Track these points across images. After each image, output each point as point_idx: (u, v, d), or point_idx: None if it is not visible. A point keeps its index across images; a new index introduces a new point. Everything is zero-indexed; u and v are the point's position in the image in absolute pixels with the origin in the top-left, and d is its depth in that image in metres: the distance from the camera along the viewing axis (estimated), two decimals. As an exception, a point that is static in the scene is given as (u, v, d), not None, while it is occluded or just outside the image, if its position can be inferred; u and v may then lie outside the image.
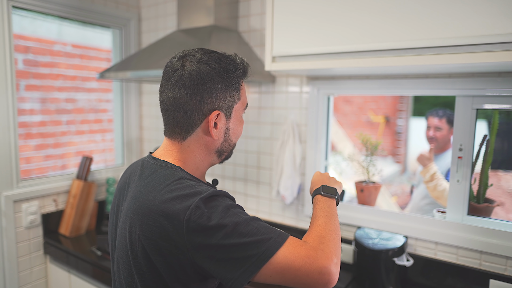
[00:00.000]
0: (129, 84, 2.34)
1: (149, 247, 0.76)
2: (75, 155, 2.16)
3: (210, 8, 1.76)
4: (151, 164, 0.87)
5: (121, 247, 0.85)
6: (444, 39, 1.04)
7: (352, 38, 1.20)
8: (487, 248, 1.34)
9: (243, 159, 1.96)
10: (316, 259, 0.73)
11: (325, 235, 0.80)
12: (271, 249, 0.72)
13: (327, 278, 0.73)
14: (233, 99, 0.87)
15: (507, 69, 1.21)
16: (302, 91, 1.74)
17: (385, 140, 6.44)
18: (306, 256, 0.73)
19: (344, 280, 1.55)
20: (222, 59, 0.85)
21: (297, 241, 0.75)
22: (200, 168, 0.90)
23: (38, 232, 1.93)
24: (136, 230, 0.78)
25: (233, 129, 0.91)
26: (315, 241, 0.77)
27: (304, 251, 0.74)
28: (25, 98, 1.92)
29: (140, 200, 0.80)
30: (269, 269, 0.72)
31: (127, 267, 0.83)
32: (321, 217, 0.88)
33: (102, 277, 1.68)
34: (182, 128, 0.85)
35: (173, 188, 0.78)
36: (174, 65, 0.85)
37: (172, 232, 0.74)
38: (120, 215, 0.89)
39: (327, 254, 0.75)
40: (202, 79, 0.82)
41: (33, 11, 1.88)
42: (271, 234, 0.74)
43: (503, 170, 3.62)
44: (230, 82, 0.85)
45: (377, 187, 1.70)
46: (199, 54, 0.85)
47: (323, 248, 0.76)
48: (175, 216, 0.73)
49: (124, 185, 0.93)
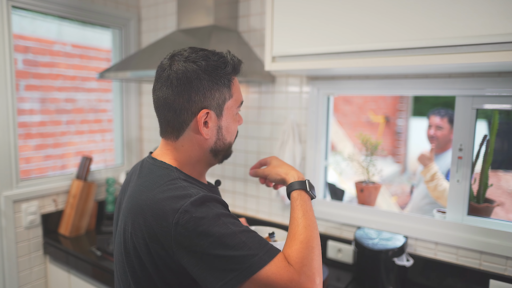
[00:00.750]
0: (129, 84, 2.33)
1: (139, 246, 0.77)
2: (75, 155, 2.16)
3: (210, 8, 1.75)
4: (149, 164, 0.88)
5: (117, 245, 0.86)
6: (444, 39, 1.04)
7: (352, 38, 1.20)
8: (487, 248, 1.34)
9: (243, 159, 1.96)
10: (299, 283, 0.72)
11: (308, 255, 0.77)
12: (254, 267, 0.71)
13: None
14: (224, 96, 0.86)
15: (507, 69, 1.21)
16: (302, 91, 1.74)
17: (385, 140, 6.44)
18: (289, 280, 0.72)
19: (344, 280, 1.55)
20: (210, 56, 0.84)
21: (282, 262, 0.73)
22: (197, 168, 0.90)
23: (38, 232, 1.93)
24: (129, 228, 0.79)
25: (226, 128, 0.89)
26: (298, 264, 0.75)
27: (287, 274, 0.72)
28: (25, 98, 1.92)
29: (134, 199, 0.81)
30: (250, 286, 0.71)
31: (121, 265, 0.84)
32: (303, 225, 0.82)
33: (102, 277, 1.68)
34: (174, 128, 0.86)
35: (165, 189, 0.78)
36: (163, 65, 0.86)
37: (159, 233, 0.74)
38: (120, 214, 0.90)
39: (310, 277, 0.74)
40: (188, 78, 0.82)
41: (32, 11, 1.87)
42: (257, 251, 0.72)
43: (503, 170, 3.62)
44: (219, 79, 0.84)
45: (377, 187, 1.70)
46: (187, 53, 0.84)
47: (306, 271, 0.74)
48: (164, 218, 0.73)
49: (126, 184, 0.94)
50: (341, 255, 1.66)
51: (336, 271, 1.63)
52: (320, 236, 1.71)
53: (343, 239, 1.67)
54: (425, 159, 2.04)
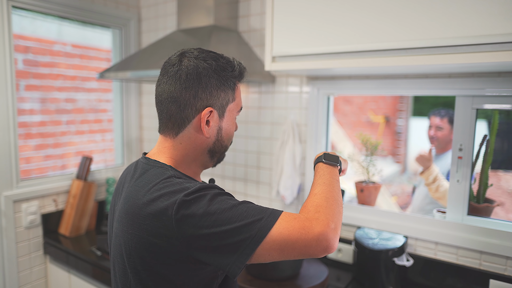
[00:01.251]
0: (129, 84, 2.33)
1: (142, 246, 0.77)
2: (75, 155, 2.16)
3: (210, 8, 1.75)
4: (142, 164, 0.88)
5: (115, 247, 0.86)
6: (444, 39, 1.04)
7: (352, 38, 1.20)
8: (487, 248, 1.34)
9: (243, 159, 1.96)
10: (311, 228, 0.72)
11: (321, 204, 0.78)
12: (263, 230, 0.72)
13: (325, 244, 0.72)
14: (228, 98, 0.88)
15: (507, 69, 1.21)
16: (302, 91, 1.74)
17: (385, 140, 6.44)
18: (301, 228, 0.72)
19: (344, 280, 1.55)
20: (219, 58, 0.87)
21: (290, 215, 0.75)
22: (192, 167, 0.90)
23: (38, 232, 1.93)
24: (128, 229, 0.79)
25: (225, 130, 0.90)
26: (310, 212, 0.76)
27: (298, 223, 0.73)
28: (25, 98, 1.92)
29: (131, 200, 0.81)
30: (265, 249, 0.72)
31: (121, 266, 0.84)
32: (319, 185, 0.87)
33: (102, 277, 1.69)
34: (175, 123, 0.86)
35: (161, 187, 0.78)
36: (172, 61, 0.87)
37: (162, 229, 0.74)
38: (115, 215, 0.90)
39: (322, 221, 0.74)
40: (198, 74, 0.83)
41: (33, 11, 1.88)
42: (261, 215, 0.74)
43: (503, 170, 3.62)
44: (225, 80, 0.86)
45: (377, 187, 1.70)
46: (197, 52, 0.87)
47: (318, 217, 0.75)
48: (163, 212, 0.74)
49: (120, 186, 0.94)
50: (341, 255, 1.66)
51: (336, 271, 1.63)
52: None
53: (343, 239, 1.67)
54: (423, 159, 2.01)
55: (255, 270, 1.46)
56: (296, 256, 0.73)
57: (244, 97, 1.94)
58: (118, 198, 0.91)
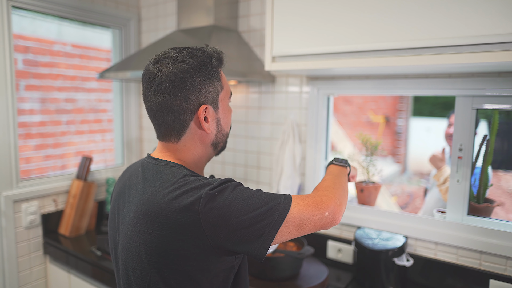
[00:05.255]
0: (129, 84, 2.33)
1: (166, 244, 0.77)
2: (75, 155, 2.16)
3: (210, 8, 1.75)
4: (152, 164, 0.87)
5: (130, 249, 0.84)
6: (444, 39, 1.04)
7: (352, 38, 1.20)
8: (487, 248, 1.34)
9: (243, 159, 1.96)
10: (322, 202, 0.84)
11: (329, 186, 0.92)
12: (283, 212, 0.79)
13: (331, 216, 0.84)
14: (216, 89, 0.89)
15: (507, 69, 1.21)
16: (302, 91, 1.74)
17: (385, 140, 6.45)
18: (314, 203, 0.83)
19: (344, 280, 1.55)
20: (195, 53, 0.86)
21: (302, 195, 0.85)
22: (199, 164, 0.93)
23: (38, 232, 1.93)
24: (149, 230, 0.79)
25: (223, 119, 0.93)
26: (319, 191, 0.89)
27: (310, 199, 0.84)
28: (25, 98, 1.92)
29: (149, 201, 0.81)
30: (287, 227, 0.79)
31: (139, 268, 0.82)
32: (328, 175, 1.01)
33: (102, 277, 1.68)
34: (175, 130, 0.87)
35: (181, 185, 0.79)
36: (151, 71, 0.85)
37: (188, 224, 0.75)
38: (121, 218, 0.89)
39: (330, 197, 0.86)
40: (181, 78, 0.83)
41: (33, 11, 1.87)
42: (278, 200, 0.81)
43: (503, 170, 3.62)
44: (209, 73, 0.87)
45: (377, 187, 1.70)
46: (172, 54, 0.85)
47: (327, 194, 0.87)
48: (189, 208, 0.75)
49: (124, 188, 0.92)
50: (341, 255, 1.66)
51: (336, 271, 1.63)
52: (320, 236, 1.71)
53: (343, 239, 1.67)
54: (436, 160, 1.95)
55: (255, 270, 1.46)
56: (311, 229, 0.83)
57: (244, 97, 1.94)
58: (123, 200, 0.90)
